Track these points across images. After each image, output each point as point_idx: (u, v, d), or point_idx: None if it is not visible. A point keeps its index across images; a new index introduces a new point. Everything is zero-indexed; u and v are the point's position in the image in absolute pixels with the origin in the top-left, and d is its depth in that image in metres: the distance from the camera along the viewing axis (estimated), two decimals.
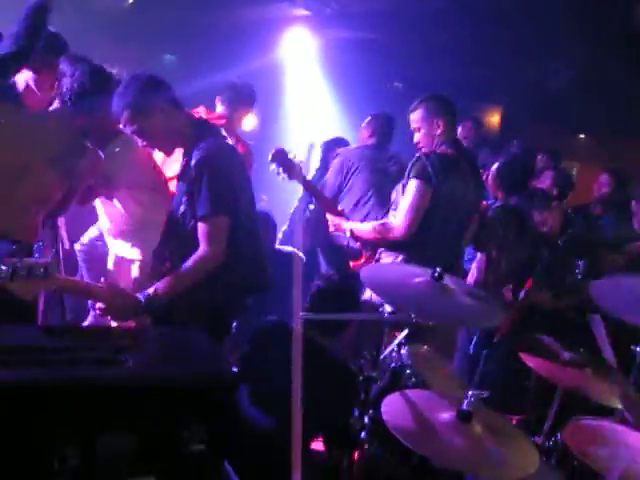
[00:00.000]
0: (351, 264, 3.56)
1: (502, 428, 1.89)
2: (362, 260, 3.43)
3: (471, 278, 3.46)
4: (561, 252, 3.61)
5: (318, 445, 2.66)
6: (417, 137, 3.17)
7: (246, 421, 2.24)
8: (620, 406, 2.53)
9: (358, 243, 3.39)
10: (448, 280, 2.26)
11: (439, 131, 3.09)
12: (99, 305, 2.35)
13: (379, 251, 3.18)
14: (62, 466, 1.49)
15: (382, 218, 3.47)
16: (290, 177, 3.26)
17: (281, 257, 3.62)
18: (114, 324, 2.43)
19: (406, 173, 3.08)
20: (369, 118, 4.75)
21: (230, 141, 2.72)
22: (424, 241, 3.00)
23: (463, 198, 3.10)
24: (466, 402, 1.81)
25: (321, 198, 3.60)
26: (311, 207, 4.40)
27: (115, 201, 2.95)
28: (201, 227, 2.38)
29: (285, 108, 7.83)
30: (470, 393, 1.82)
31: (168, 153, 2.60)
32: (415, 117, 3.16)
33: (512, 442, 1.83)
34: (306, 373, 2.14)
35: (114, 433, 1.54)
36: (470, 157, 3.33)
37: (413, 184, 2.98)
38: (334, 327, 2.49)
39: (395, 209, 3.16)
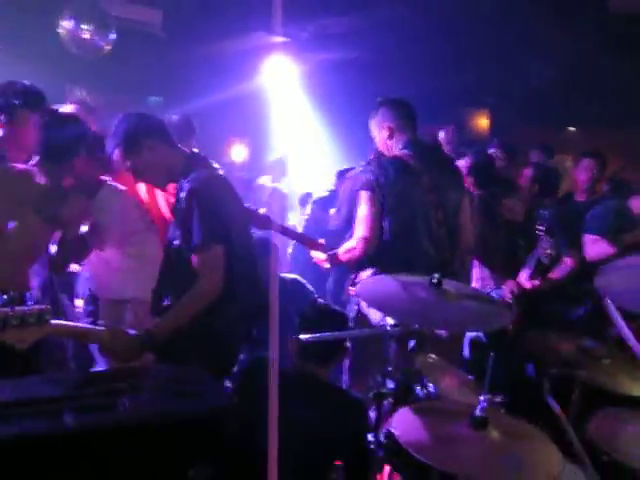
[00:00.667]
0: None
1: (521, 431, 1.81)
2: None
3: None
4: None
5: None
6: (377, 145, 3.18)
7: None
8: None
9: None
10: (448, 285, 2.21)
11: (386, 135, 3.07)
12: (100, 348, 2.30)
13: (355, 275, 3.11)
14: None
15: None
16: (259, 227, 3.18)
17: (284, 285, 3.57)
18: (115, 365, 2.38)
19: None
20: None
21: (221, 171, 2.72)
22: (390, 249, 2.93)
23: (420, 198, 2.99)
24: (479, 408, 1.74)
25: (297, 237, 3.55)
26: None
27: (107, 249, 2.96)
28: (196, 259, 2.36)
29: (274, 136, 7.86)
30: (482, 398, 1.75)
31: (162, 188, 2.62)
32: (370, 126, 3.17)
33: (533, 445, 1.75)
34: (308, 407, 2.11)
35: None
36: (438, 159, 3.21)
37: (360, 196, 2.96)
38: (328, 354, 2.43)
39: None
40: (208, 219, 2.34)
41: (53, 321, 2.05)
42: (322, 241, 3.35)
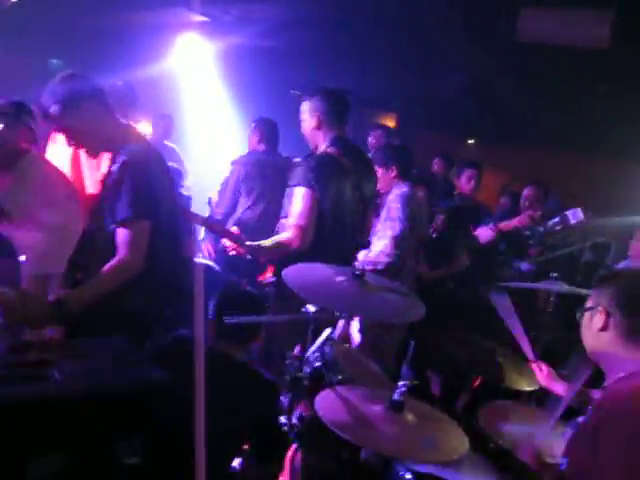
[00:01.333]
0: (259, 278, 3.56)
1: (431, 415, 1.97)
2: (268, 273, 3.42)
3: None
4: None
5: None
6: (303, 128, 3.18)
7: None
8: (529, 389, 2.74)
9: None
10: (369, 277, 2.33)
11: (314, 124, 3.08)
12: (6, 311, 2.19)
13: None
14: None
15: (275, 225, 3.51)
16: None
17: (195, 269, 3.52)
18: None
19: (289, 180, 3.06)
20: (254, 124, 4.87)
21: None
22: (321, 245, 2.96)
23: (350, 195, 3.08)
24: (397, 393, 1.88)
25: (216, 229, 3.51)
26: None
27: (28, 221, 2.84)
28: (121, 232, 2.32)
29: (182, 116, 7.66)
30: (401, 384, 1.88)
31: (93, 155, 2.53)
32: (302, 108, 3.15)
33: (442, 427, 1.91)
34: (220, 389, 2.14)
35: (47, 454, 1.45)
36: (358, 154, 3.27)
37: (297, 192, 2.95)
38: (245, 336, 2.46)
39: (285, 217, 3.09)
40: (139, 193, 2.32)
41: None
42: (236, 230, 3.31)
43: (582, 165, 7.09)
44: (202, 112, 7.55)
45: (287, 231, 2.95)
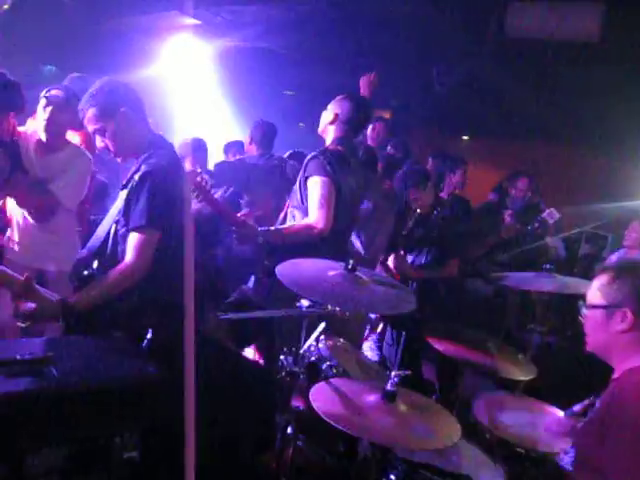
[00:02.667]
0: None
1: (424, 405, 2.00)
2: None
3: None
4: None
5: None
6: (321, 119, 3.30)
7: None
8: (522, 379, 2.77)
9: None
10: (360, 271, 2.36)
11: (330, 119, 3.19)
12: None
13: None
14: None
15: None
16: (203, 199, 3.05)
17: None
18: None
19: (303, 171, 3.11)
20: (252, 130, 4.91)
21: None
22: (333, 235, 3.04)
23: (351, 192, 3.20)
24: (390, 383, 1.91)
25: (230, 217, 3.48)
26: None
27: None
28: (132, 237, 2.34)
29: (175, 118, 7.68)
30: (393, 374, 1.91)
31: (122, 158, 2.57)
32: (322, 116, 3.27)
33: (435, 416, 1.94)
34: (215, 381, 2.17)
35: (44, 448, 1.48)
36: (357, 154, 3.47)
37: (317, 181, 3.01)
38: (250, 336, 2.50)
39: (297, 207, 3.13)
40: (156, 204, 2.35)
41: None
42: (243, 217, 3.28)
43: (576, 157, 7.13)
44: (196, 114, 7.57)
45: (309, 217, 2.99)
